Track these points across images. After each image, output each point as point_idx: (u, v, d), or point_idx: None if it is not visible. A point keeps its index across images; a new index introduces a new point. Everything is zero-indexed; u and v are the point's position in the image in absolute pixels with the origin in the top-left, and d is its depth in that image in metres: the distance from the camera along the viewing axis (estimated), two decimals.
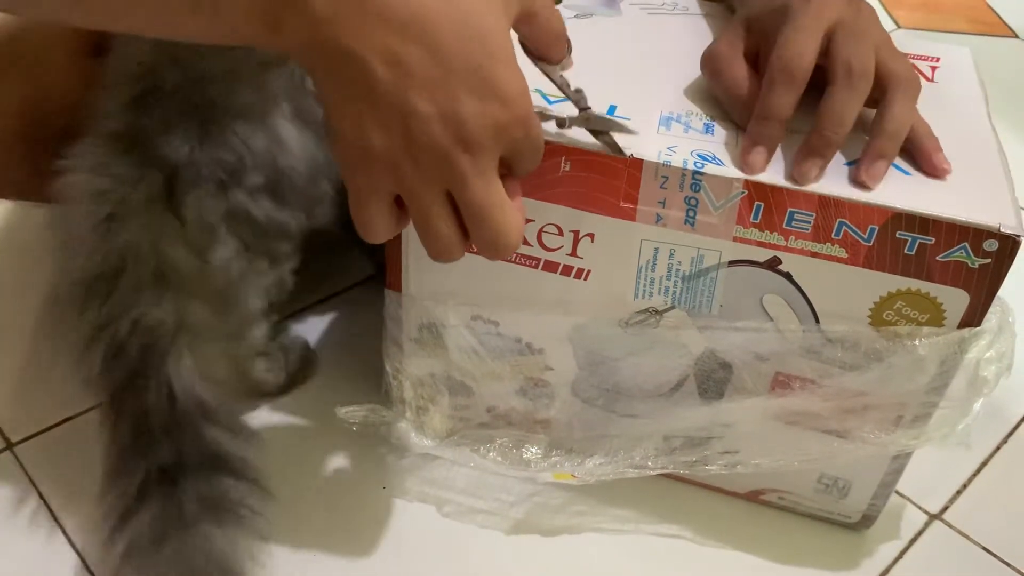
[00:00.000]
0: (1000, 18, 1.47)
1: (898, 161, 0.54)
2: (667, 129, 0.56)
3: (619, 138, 0.54)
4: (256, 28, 0.44)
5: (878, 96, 0.54)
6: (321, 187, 0.66)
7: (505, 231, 0.47)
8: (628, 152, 0.53)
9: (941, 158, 0.54)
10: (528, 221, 0.57)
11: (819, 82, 0.54)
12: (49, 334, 0.64)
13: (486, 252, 0.48)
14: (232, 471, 0.60)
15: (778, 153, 0.54)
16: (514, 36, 0.48)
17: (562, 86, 0.53)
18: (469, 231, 0.48)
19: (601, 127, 0.54)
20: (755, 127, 0.54)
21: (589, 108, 0.54)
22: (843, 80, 0.53)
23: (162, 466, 0.57)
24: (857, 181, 0.52)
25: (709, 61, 0.59)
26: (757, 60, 0.57)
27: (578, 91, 0.53)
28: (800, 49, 0.53)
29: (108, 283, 0.59)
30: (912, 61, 0.63)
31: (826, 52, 0.54)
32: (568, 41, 0.51)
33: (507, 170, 0.48)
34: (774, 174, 0.53)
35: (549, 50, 0.51)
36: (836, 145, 0.53)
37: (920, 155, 0.54)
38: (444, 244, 0.48)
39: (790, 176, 0.53)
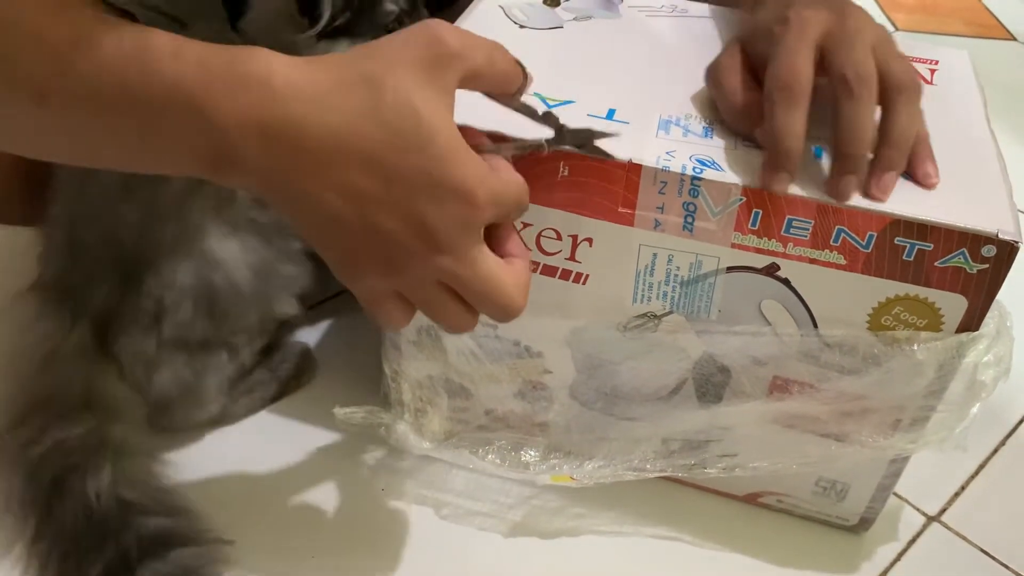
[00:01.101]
0: (998, 21, 1.47)
1: None
2: (666, 133, 0.56)
3: (605, 143, 0.53)
4: (208, 171, 0.45)
5: (880, 103, 0.53)
6: (284, 274, 0.68)
7: (507, 302, 0.48)
8: (622, 156, 0.53)
9: (931, 168, 0.53)
10: (527, 226, 0.57)
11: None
12: None
13: (496, 321, 0.49)
14: (182, 542, 0.60)
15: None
16: None
17: (526, 113, 0.52)
18: (474, 308, 0.49)
19: (580, 140, 0.53)
20: (770, 154, 0.52)
21: (563, 126, 0.53)
22: (844, 93, 0.52)
23: (109, 565, 0.58)
24: (867, 194, 0.52)
25: (711, 72, 0.58)
26: (757, 77, 0.56)
27: (546, 114, 0.53)
28: (792, 65, 0.52)
29: (38, 408, 0.62)
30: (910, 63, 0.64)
31: (823, 63, 0.53)
32: (523, 69, 0.50)
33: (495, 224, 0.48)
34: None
35: (506, 90, 0.50)
36: (863, 157, 0.52)
37: (912, 162, 0.53)
38: (455, 323, 0.49)
39: (828, 195, 0.52)
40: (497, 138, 0.51)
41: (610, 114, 0.57)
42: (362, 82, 0.44)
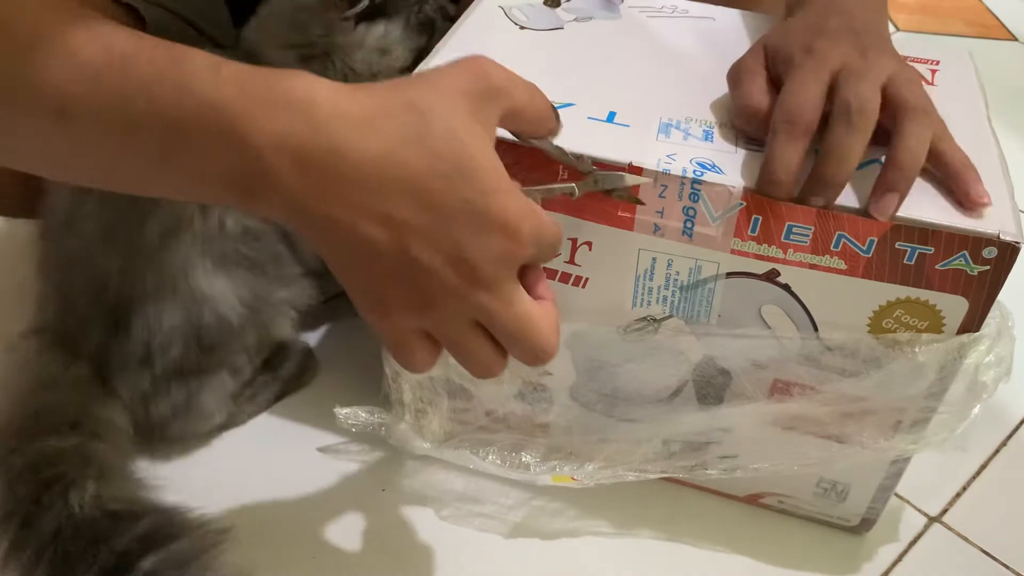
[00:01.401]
0: (999, 21, 1.46)
1: None
2: (666, 136, 0.55)
3: (635, 184, 0.53)
4: (234, 196, 0.44)
5: (890, 127, 0.51)
6: (279, 299, 0.69)
7: (540, 345, 0.46)
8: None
9: (980, 190, 0.51)
10: None
11: None
12: None
13: (527, 363, 0.47)
14: (179, 533, 0.60)
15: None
16: None
17: (558, 155, 0.52)
18: (506, 350, 0.47)
19: (611, 184, 0.53)
20: (761, 178, 0.52)
21: (594, 170, 0.52)
22: (842, 119, 0.51)
23: (105, 567, 0.57)
24: (867, 212, 0.51)
25: (732, 72, 0.57)
26: (776, 83, 0.55)
27: (578, 156, 0.52)
28: (801, 100, 0.51)
29: (27, 420, 0.63)
30: (912, 64, 0.63)
31: (831, 94, 0.52)
32: (555, 112, 0.50)
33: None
34: None
35: (539, 132, 0.50)
36: (839, 185, 0.51)
37: (957, 187, 0.52)
38: (484, 367, 0.48)
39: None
40: (526, 184, 0.50)
41: (610, 116, 0.57)
42: (408, 109, 0.43)
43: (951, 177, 0.52)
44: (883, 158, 0.51)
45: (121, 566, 0.57)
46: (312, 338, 0.81)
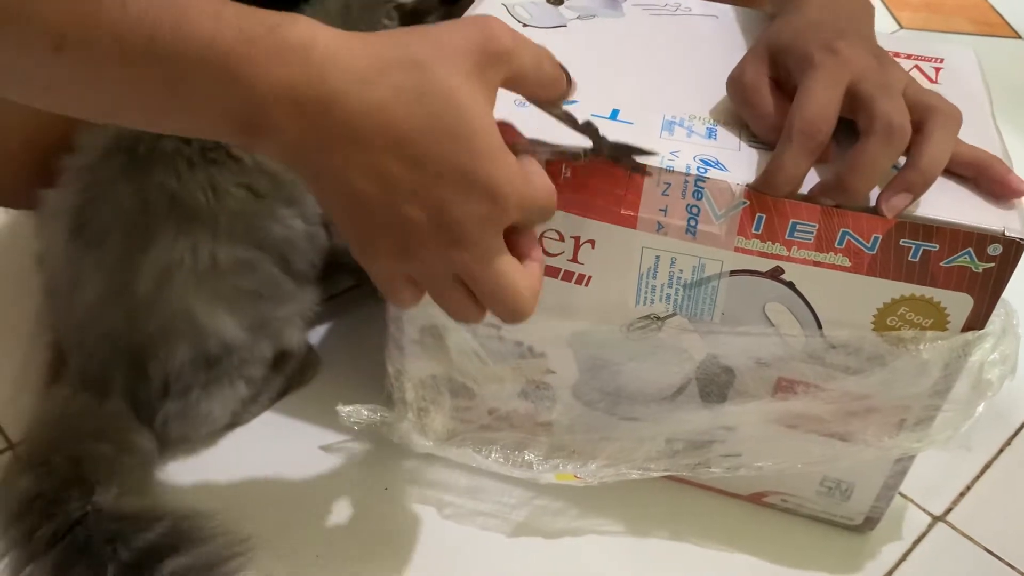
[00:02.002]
0: (1003, 19, 1.46)
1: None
2: (670, 134, 0.55)
3: (644, 159, 0.53)
4: (236, 134, 0.44)
5: (913, 128, 0.50)
6: (284, 315, 0.70)
7: (517, 306, 0.47)
8: (651, 171, 0.53)
9: (1015, 179, 0.51)
10: None
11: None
12: None
13: (503, 321, 0.49)
14: (200, 539, 0.60)
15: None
16: None
17: (567, 121, 0.51)
18: (484, 305, 0.48)
19: (619, 153, 0.52)
20: (764, 179, 0.51)
21: (603, 137, 0.52)
22: (880, 134, 0.49)
23: (126, 562, 0.58)
24: (876, 208, 0.51)
25: (736, 88, 0.56)
26: (781, 84, 0.55)
27: (587, 124, 0.51)
28: (820, 110, 0.50)
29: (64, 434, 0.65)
30: (916, 62, 0.63)
31: (856, 104, 0.51)
32: (567, 74, 0.49)
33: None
34: None
35: (547, 96, 0.49)
36: (861, 195, 0.50)
37: (993, 181, 0.52)
38: (462, 314, 0.49)
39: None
40: (535, 140, 0.50)
41: (614, 114, 0.57)
42: (409, 64, 0.43)
43: (979, 169, 0.52)
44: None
45: (143, 563, 0.57)
46: (314, 336, 0.80)
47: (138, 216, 0.62)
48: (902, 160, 0.51)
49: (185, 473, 0.69)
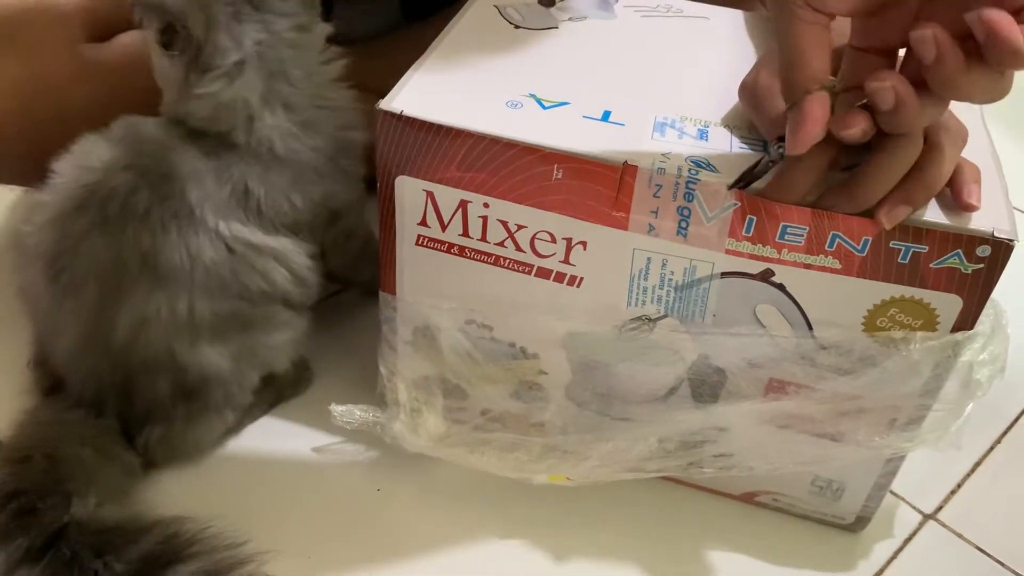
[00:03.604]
0: None
1: None
2: (661, 135, 0.55)
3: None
4: None
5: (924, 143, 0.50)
6: (273, 344, 0.69)
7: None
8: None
9: (967, 193, 0.51)
10: (521, 228, 0.57)
11: None
12: None
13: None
14: (201, 546, 0.60)
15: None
16: None
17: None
18: None
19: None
20: (773, 191, 0.51)
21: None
22: (896, 149, 0.49)
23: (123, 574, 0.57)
24: (875, 216, 0.50)
25: (747, 94, 0.56)
26: None
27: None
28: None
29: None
30: None
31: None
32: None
33: None
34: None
35: None
36: (867, 204, 0.50)
37: (954, 190, 0.52)
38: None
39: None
40: None
41: (605, 116, 0.57)
42: None
43: (952, 177, 0.52)
44: None
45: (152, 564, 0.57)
46: (308, 338, 0.80)
47: (112, 271, 0.61)
48: None
49: (174, 475, 0.69)
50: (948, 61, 0.43)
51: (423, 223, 0.60)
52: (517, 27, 0.66)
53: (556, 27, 0.66)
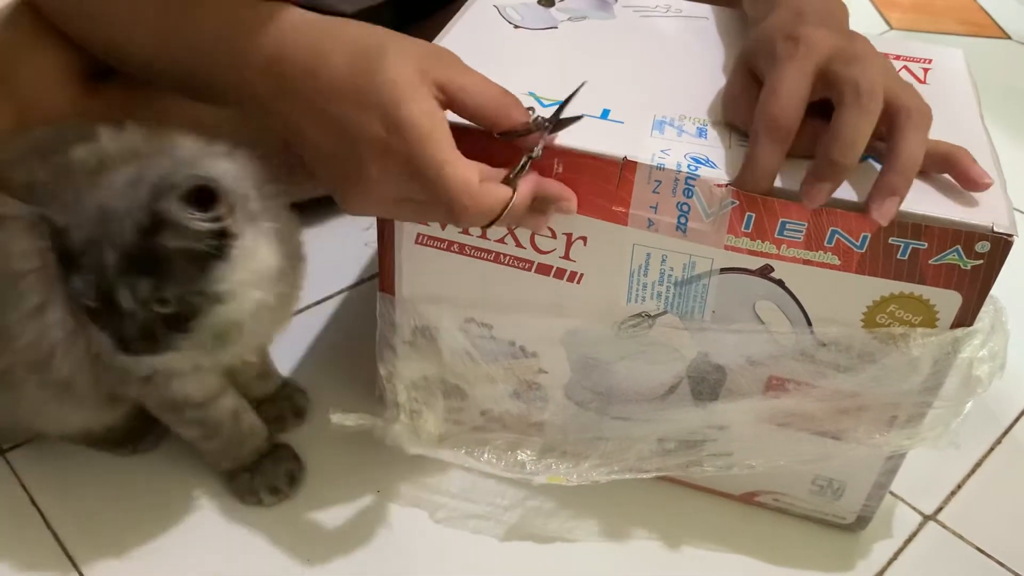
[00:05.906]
0: (992, 19, 1.47)
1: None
2: (660, 133, 0.56)
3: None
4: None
5: (886, 129, 0.51)
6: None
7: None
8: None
9: (977, 171, 0.51)
10: None
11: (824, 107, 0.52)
12: None
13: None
14: None
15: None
16: None
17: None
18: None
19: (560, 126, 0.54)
20: (742, 182, 0.52)
21: (538, 117, 0.54)
22: (852, 100, 0.50)
23: None
24: (868, 216, 0.50)
25: (727, 107, 0.57)
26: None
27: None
28: (783, 101, 0.51)
29: None
30: (904, 63, 0.64)
31: (826, 82, 0.51)
32: (530, 111, 0.53)
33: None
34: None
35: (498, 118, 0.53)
36: (847, 169, 0.50)
37: (959, 174, 0.52)
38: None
39: (799, 195, 0.51)
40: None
41: (604, 114, 0.57)
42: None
43: (947, 164, 0.52)
44: (872, 156, 0.52)
45: None
46: (307, 338, 0.81)
47: None
48: (878, 167, 0.51)
49: (174, 473, 0.69)
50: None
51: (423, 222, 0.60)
52: (516, 27, 0.66)
53: (555, 27, 0.66)
